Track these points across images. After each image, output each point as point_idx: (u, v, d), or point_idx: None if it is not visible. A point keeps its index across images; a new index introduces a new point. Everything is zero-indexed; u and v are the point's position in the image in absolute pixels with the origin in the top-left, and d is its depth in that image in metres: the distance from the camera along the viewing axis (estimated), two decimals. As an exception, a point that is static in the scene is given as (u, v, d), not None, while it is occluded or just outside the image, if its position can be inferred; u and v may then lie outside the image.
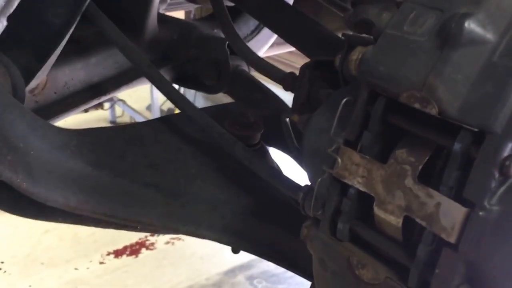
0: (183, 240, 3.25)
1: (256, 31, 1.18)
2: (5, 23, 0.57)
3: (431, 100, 0.45)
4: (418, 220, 0.46)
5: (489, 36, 0.45)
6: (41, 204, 0.70)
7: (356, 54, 0.52)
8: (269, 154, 0.87)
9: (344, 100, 0.53)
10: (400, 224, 0.48)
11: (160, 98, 4.61)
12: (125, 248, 3.27)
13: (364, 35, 0.56)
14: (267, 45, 1.23)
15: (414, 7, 0.50)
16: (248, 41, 1.17)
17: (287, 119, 0.69)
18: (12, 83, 0.74)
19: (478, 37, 0.45)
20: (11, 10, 0.58)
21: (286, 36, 0.92)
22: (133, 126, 0.80)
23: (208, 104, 4.42)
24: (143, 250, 3.28)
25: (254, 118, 0.84)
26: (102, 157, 0.71)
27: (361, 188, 0.50)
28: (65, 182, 0.68)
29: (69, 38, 0.78)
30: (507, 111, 0.42)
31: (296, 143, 0.71)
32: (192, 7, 1.40)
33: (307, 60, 0.89)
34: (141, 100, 4.70)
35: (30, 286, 2.92)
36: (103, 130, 0.76)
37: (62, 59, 0.86)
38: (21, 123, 0.66)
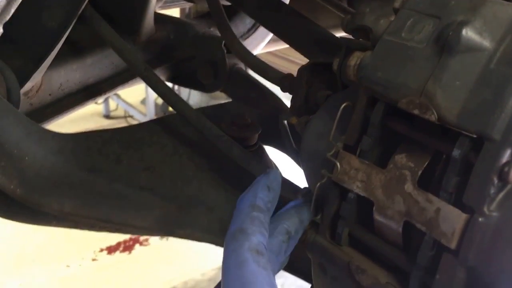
0: (177, 235, 3.23)
1: (253, 29, 1.17)
2: (1, 30, 0.56)
3: (430, 107, 0.46)
4: (418, 225, 0.46)
5: (486, 43, 0.45)
6: (34, 208, 0.69)
7: (354, 60, 0.52)
8: (267, 154, 0.88)
9: (343, 105, 0.53)
10: (400, 229, 0.48)
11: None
12: (118, 244, 3.25)
13: (361, 40, 0.56)
14: (264, 43, 1.23)
15: (411, 14, 0.50)
16: (245, 39, 1.16)
17: (285, 121, 0.69)
18: (7, 87, 0.74)
19: (475, 45, 0.45)
20: (8, 17, 0.58)
21: (283, 36, 0.92)
22: (129, 129, 0.80)
23: (204, 99, 4.41)
24: (137, 246, 3.27)
25: (251, 119, 0.84)
26: (98, 161, 0.71)
27: (361, 193, 0.51)
28: (60, 187, 0.68)
29: (64, 39, 0.78)
30: (505, 118, 0.42)
31: (294, 145, 0.71)
32: (188, 5, 1.39)
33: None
34: (135, 94, 4.68)
35: (20, 284, 2.89)
36: (98, 133, 0.75)
37: (58, 61, 0.85)
38: (16, 129, 0.65)
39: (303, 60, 0.83)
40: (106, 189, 0.69)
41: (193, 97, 4.56)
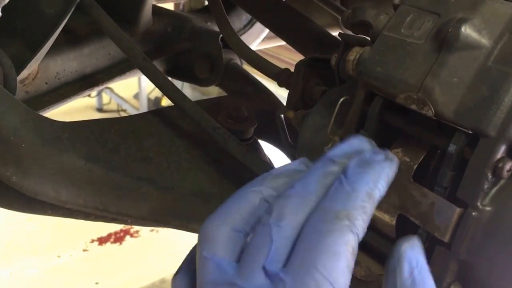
0: (168, 228, 3.24)
1: (249, 25, 1.18)
2: None
3: (427, 102, 0.46)
4: (412, 218, 0.47)
5: (484, 41, 0.46)
6: (29, 197, 0.69)
7: (353, 55, 0.53)
8: (262, 148, 0.88)
9: (342, 99, 0.53)
10: (394, 222, 0.49)
11: (147, 86, 4.58)
12: (109, 235, 3.26)
13: (360, 35, 0.57)
14: (260, 39, 1.23)
15: (411, 10, 0.51)
16: (241, 35, 1.16)
17: (281, 116, 0.69)
18: (4, 73, 0.73)
19: (474, 42, 0.46)
20: (6, 0, 0.58)
21: (279, 32, 0.92)
22: (127, 119, 0.80)
23: (195, 95, 4.41)
24: (128, 237, 3.27)
25: (247, 113, 0.84)
26: (95, 150, 0.71)
27: (356, 186, 0.51)
28: (57, 175, 0.68)
29: (62, 28, 0.77)
30: (500, 114, 0.43)
31: (289, 139, 0.71)
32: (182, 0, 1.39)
33: (296, 54, 0.90)
34: (128, 88, 4.68)
35: (11, 273, 2.89)
36: (96, 122, 0.75)
37: (55, 49, 0.85)
38: (12, 115, 0.65)
39: (294, 60, 0.83)
40: (103, 178, 0.70)
41: (185, 92, 4.54)
